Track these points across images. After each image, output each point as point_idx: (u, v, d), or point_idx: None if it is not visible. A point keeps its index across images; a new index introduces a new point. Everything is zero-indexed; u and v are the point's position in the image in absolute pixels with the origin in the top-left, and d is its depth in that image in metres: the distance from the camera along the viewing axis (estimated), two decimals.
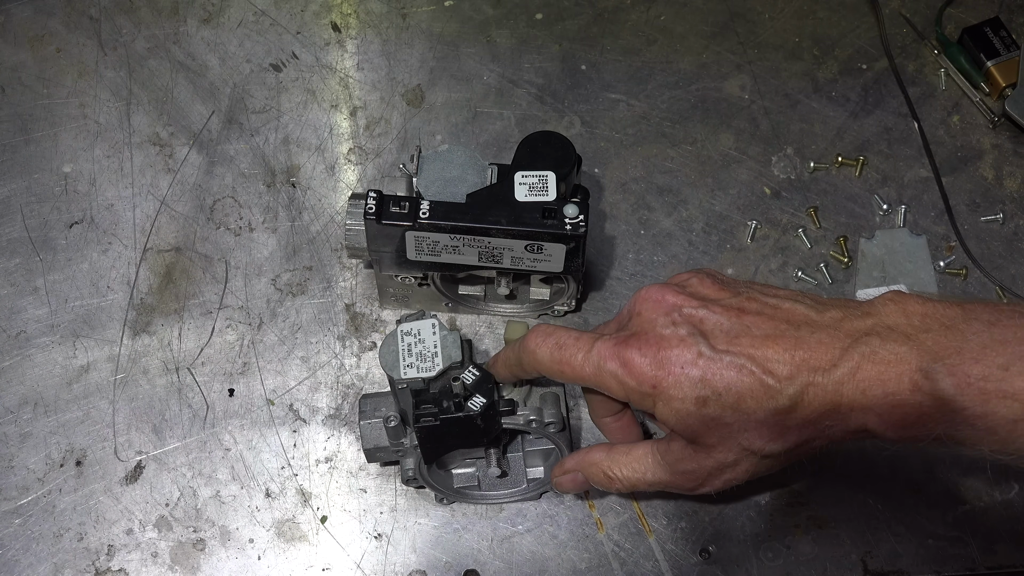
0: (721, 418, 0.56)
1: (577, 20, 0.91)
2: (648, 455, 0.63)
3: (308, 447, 0.76)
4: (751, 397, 0.56)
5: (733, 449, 0.58)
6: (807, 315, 0.57)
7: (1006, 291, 0.81)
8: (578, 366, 0.60)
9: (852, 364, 0.54)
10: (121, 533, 0.74)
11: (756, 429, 0.57)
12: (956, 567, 0.73)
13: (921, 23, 0.90)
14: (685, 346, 0.57)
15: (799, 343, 0.55)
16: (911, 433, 0.55)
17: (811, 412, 0.56)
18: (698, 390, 0.56)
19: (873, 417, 0.55)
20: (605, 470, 0.65)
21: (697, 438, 0.58)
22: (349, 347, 0.79)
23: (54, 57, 0.88)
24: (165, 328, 0.79)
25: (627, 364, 0.58)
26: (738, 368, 0.56)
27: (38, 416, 0.77)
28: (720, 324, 0.57)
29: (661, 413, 0.58)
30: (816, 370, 0.55)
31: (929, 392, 0.53)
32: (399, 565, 0.73)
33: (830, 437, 0.57)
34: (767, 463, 0.59)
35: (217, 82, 0.88)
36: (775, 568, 0.73)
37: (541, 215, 0.67)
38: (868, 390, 0.54)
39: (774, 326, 0.57)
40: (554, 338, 0.61)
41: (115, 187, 0.84)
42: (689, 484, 0.62)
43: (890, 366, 0.54)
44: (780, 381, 0.55)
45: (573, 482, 0.68)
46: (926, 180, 0.85)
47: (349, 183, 0.85)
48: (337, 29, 0.90)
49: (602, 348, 0.59)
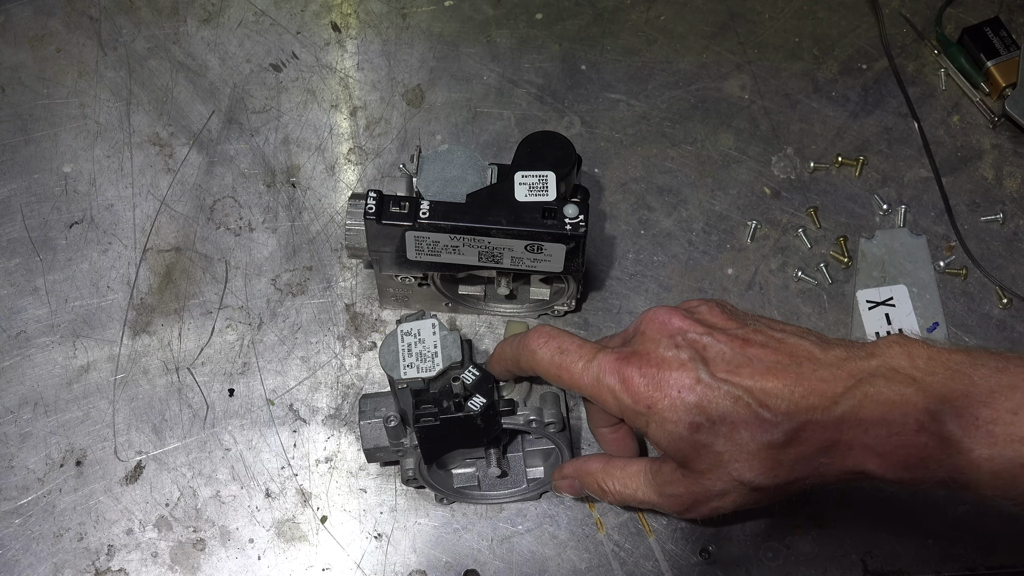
0: (712, 446, 0.56)
1: (577, 20, 0.91)
2: (640, 474, 0.63)
3: (308, 447, 0.76)
4: (745, 429, 0.55)
5: (723, 478, 0.58)
6: (811, 351, 0.57)
7: (1006, 291, 0.81)
8: (577, 374, 0.60)
9: (855, 402, 0.54)
10: (121, 533, 0.74)
11: (747, 460, 0.56)
12: (956, 567, 0.73)
13: (921, 23, 0.90)
14: (685, 370, 0.57)
15: (800, 378, 0.55)
16: (913, 475, 0.54)
17: (807, 449, 0.55)
18: (692, 416, 0.56)
19: (873, 457, 0.54)
20: (600, 481, 0.65)
21: (687, 462, 0.58)
22: (349, 347, 0.79)
23: (54, 57, 0.88)
24: (165, 328, 0.79)
25: (625, 381, 0.58)
26: (734, 399, 0.55)
27: (38, 416, 0.77)
28: (723, 353, 0.57)
29: (653, 434, 0.58)
30: (815, 408, 0.55)
31: (936, 433, 0.52)
32: (399, 565, 0.73)
33: (823, 476, 0.56)
34: (755, 496, 0.59)
35: (217, 82, 0.88)
36: (775, 568, 0.73)
37: (541, 215, 0.67)
38: (871, 429, 0.54)
39: (776, 360, 0.56)
40: (557, 342, 0.61)
41: (115, 187, 0.84)
42: (676, 508, 0.62)
43: (895, 407, 0.53)
44: (776, 416, 0.55)
45: (571, 488, 0.68)
46: (926, 180, 0.85)
47: (349, 183, 0.85)
48: (337, 29, 0.90)
49: (603, 361, 0.59)
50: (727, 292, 0.81)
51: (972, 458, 0.52)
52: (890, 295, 0.80)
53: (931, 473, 0.54)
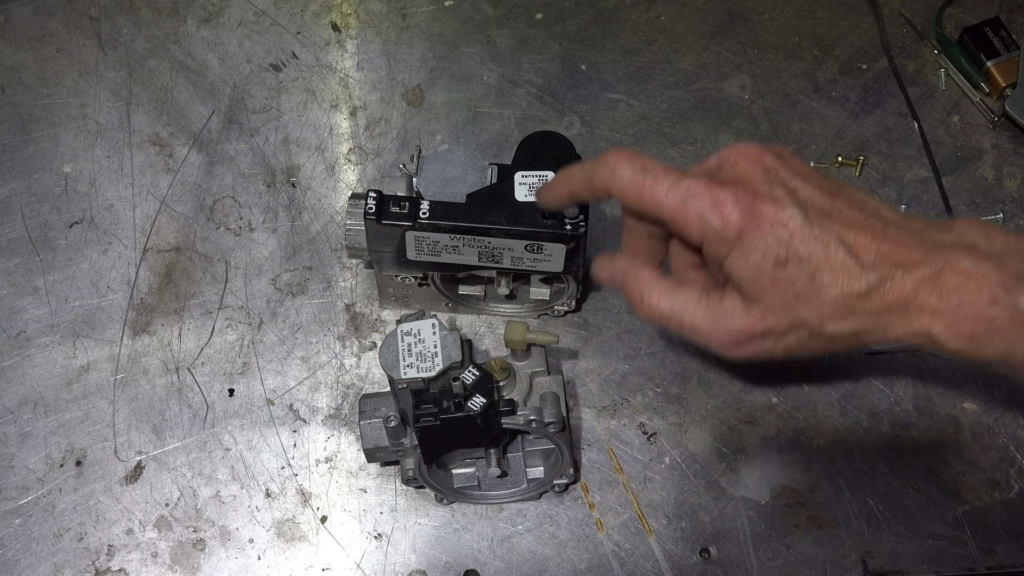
0: (793, 284, 0.56)
1: (577, 20, 0.91)
2: (696, 298, 0.61)
3: (308, 447, 0.76)
4: (829, 273, 0.56)
5: (791, 317, 0.57)
6: (893, 216, 0.58)
7: None
8: (661, 195, 0.58)
9: (934, 269, 0.55)
10: (121, 533, 0.74)
11: (822, 305, 0.56)
12: (956, 567, 0.73)
13: (921, 23, 0.90)
14: (780, 206, 0.56)
15: (886, 237, 0.56)
16: (977, 347, 0.55)
17: (882, 304, 0.56)
18: (780, 250, 0.56)
19: (941, 324, 0.55)
20: (644, 291, 0.62)
21: (759, 297, 0.58)
22: (349, 347, 0.79)
23: (54, 57, 0.88)
24: (165, 328, 0.79)
25: (718, 204, 0.57)
26: (825, 243, 0.56)
27: (38, 416, 0.77)
28: (813, 199, 0.57)
29: (734, 262, 0.57)
30: (899, 265, 0.55)
31: (1008, 306, 0.53)
32: (399, 565, 0.73)
33: (888, 333, 0.57)
34: (814, 343, 0.58)
35: (217, 82, 0.88)
36: (775, 568, 0.73)
37: (541, 215, 0.67)
38: (945, 295, 0.55)
39: (863, 216, 0.57)
40: (641, 161, 0.59)
41: (115, 187, 0.84)
42: (726, 341, 0.60)
43: (971, 278, 0.54)
44: (863, 266, 0.55)
45: (610, 279, 0.65)
46: (926, 180, 0.85)
47: (349, 183, 0.85)
48: (337, 29, 0.90)
49: (692, 184, 0.58)
50: None
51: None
52: None
53: (995, 347, 0.55)
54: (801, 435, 0.77)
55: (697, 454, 0.76)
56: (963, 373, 0.78)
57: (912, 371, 0.79)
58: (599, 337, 0.80)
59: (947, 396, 0.78)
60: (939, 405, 0.78)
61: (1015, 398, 0.78)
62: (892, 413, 0.78)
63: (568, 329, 0.80)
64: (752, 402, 0.78)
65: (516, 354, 0.68)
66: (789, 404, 0.78)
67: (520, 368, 0.68)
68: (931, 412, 0.78)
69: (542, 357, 0.69)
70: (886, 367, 0.79)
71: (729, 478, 0.76)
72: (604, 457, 0.76)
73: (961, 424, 0.77)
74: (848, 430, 0.77)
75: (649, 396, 0.78)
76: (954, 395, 0.78)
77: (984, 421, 0.77)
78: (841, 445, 0.77)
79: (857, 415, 0.77)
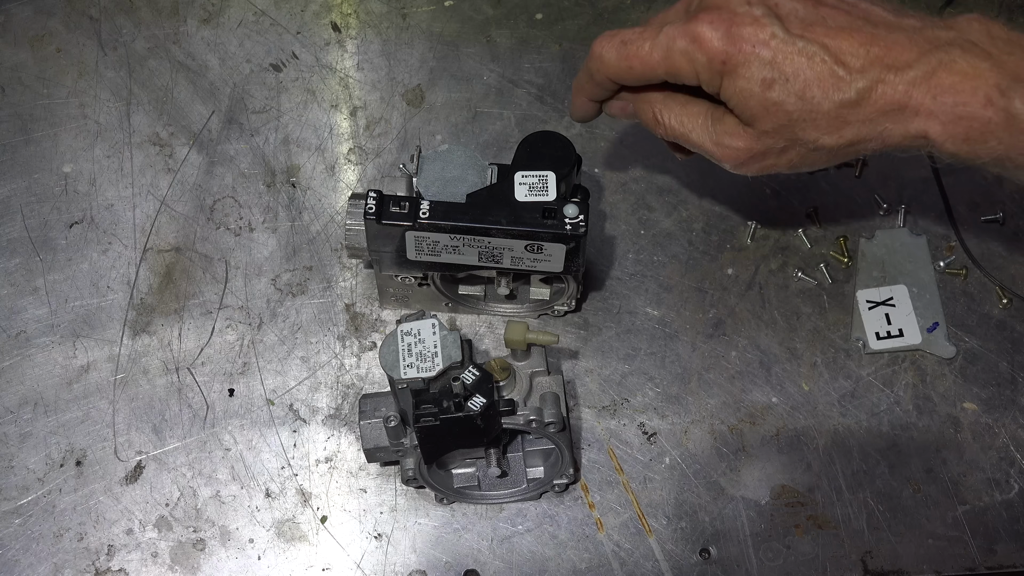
0: (783, 104, 0.56)
1: (577, 20, 0.91)
2: (700, 115, 0.62)
3: (308, 447, 0.76)
4: (818, 86, 0.55)
5: (787, 136, 0.57)
6: (885, 16, 0.57)
7: (1006, 291, 0.81)
8: (646, 55, 0.59)
9: (928, 68, 0.54)
10: (121, 533, 0.74)
11: (815, 120, 0.56)
12: (956, 567, 0.73)
13: None
14: (759, 25, 0.56)
15: (875, 39, 0.55)
16: (972, 148, 0.54)
17: (875, 110, 0.55)
18: (766, 71, 0.56)
19: (936, 125, 0.54)
20: (657, 111, 0.63)
21: (754, 121, 0.58)
22: (349, 347, 0.79)
23: (54, 57, 0.88)
24: (165, 328, 0.79)
25: (697, 39, 0.57)
26: (809, 55, 0.55)
27: (38, 416, 0.77)
28: (796, 10, 0.57)
29: (726, 91, 0.57)
30: (890, 68, 0.54)
31: (1003, 108, 0.53)
32: (399, 565, 0.73)
33: (886, 140, 0.57)
34: (814, 156, 0.58)
35: (217, 82, 0.88)
36: (775, 568, 0.73)
37: (541, 215, 0.67)
38: (939, 96, 0.54)
39: (851, 20, 0.56)
40: (618, 37, 0.60)
41: (115, 187, 0.84)
42: (729, 159, 0.61)
43: (967, 78, 0.53)
44: (851, 73, 0.55)
45: (622, 110, 0.66)
46: (926, 180, 0.85)
47: (349, 183, 0.85)
48: (337, 29, 0.90)
49: (670, 30, 0.58)
50: (727, 292, 0.81)
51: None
52: (890, 295, 0.80)
53: (990, 149, 0.54)
54: (801, 435, 0.77)
55: (697, 454, 0.76)
56: (963, 373, 0.79)
57: (912, 371, 0.79)
58: (599, 337, 0.80)
59: (947, 396, 0.78)
60: (939, 405, 0.78)
61: (1015, 398, 0.78)
62: (892, 413, 0.78)
63: (568, 329, 0.80)
64: (752, 402, 0.78)
65: (516, 354, 0.68)
66: (789, 404, 0.78)
67: (520, 368, 0.68)
68: (931, 412, 0.78)
69: (542, 357, 0.69)
70: (886, 367, 0.79)
71: (729, 478, 0.76)
72: (604, 457, 0.76)
73: (961, 424, 0.77)
74: (848, 430, 0.77)
75: (649, 396, 0.78)
76: (954, 395, 0.78)
77: (984, 421, 0.77)
78: (841, 445, 0.77)
79: (857, 415, 0.77)
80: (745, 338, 0.80)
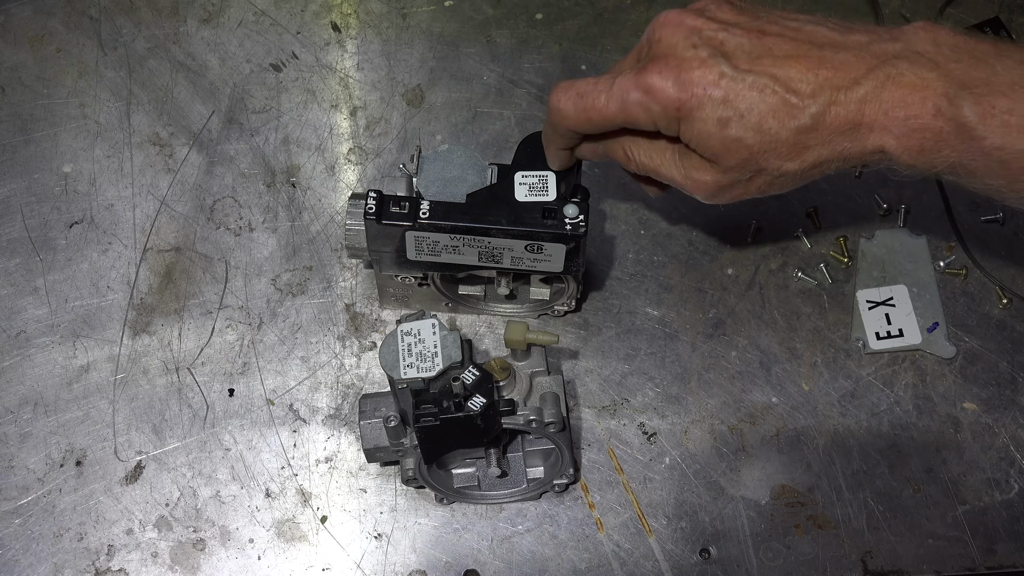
0: (743, 139, 0.57)
1: (577, 20, 0.91)
2: (668, 150, 0.62)
3: (308, 447, 0.76)
4: (773, 117, 0.56)
5: (751, 168, 0.58)
6: (830, 37, 0.57)
7: (1006, 291, 0.81)
8: (602, 107, 0.59)
9: (876, 84, 0.54)
10: (121, 533, 0.74)
11: (776, 149, 0.57)
12: (956, 567, 0.73)
13: None
14: (707, 67, 0.56)
15: (822, 62, 0.56)
16: (926, 159, 0.55)
17: (831, 131, 0.56)
18: (720, 111, 0.56)
19: (891, 139, 0.55)
20: (626, 149, 0.64)
21: (717, 158, 0.58)
22: (349, 347, 0.79)
23: (54, 57, 0.88)
24: (165, 328, 0.79)
25: (650, 90, 0.57)
26: (760, 88, 0.56)
27: (38, 416, 0.77)
28: (741, 45, 0.57)
29: (685, 135, 0.58)
30: (839, 88, 0.55)
31: (952, 118, 0.53)
32: (399, 565, 0.73)
33: (846, 158, 0.57)
34: (781, 181, 0.59)
35: (217, 82, 0.88)
36: (775, 568, 0.73)
37: (541, 215, 0.67)
38: (890, 111, 0.54)
39: (796, 47, 0.57)
40: (574, 89, 0.61)
41: (115, 187, 0.84)
42: (699, 192, 0.62)
43: (915, 90, 0.54)
44: (803, 99, 0.55)
45: (593, 152, 0.67)
46: (926, 180, 0.85)
47: (349, 183, 0.85)
48: (337, 29, 0.90)
49: (622, 82, 0.58)
50: (727, 292, 0.81)
51: (983, 146, 0.53)
52: (890, 295, 0.80)
53: (943, 158, 0.54)
54: (801, 435, 0.77)
55: (697, 454, 0.76)
56: (963, 373, 0.79)
57: (912, 371, 0.79)
58: (599, 337, 0.80)
59: (947, 396, 0.78)
60: (939, 405, 0.78)
61: (1015, 398, 0.78)
62: (892, 413, 0.78)
63: (568, 329, 0.80)
64: (752, 402, 0.78)
65: (516, 354, 0.68)
66: (789, 404, 0.78)
67: (520, 368, 0.68)
68: (931, 412, 0.78)
69: (542, 357, 0.69)
70: (886, 367, 0.79)
71: (729, 478, 0.76)
72: (604, 457, 0.76)
73: (961, 424, 0.77)
74: (848, 430, 0.77)
75: (649, 396, 0.78)
76: (954, 395, 0.78)
77: (984, 421, 0.77)
78: (841, 445, 0.77)
79: (857, 415, 0.77)
80: (745, 338, 0.80)
